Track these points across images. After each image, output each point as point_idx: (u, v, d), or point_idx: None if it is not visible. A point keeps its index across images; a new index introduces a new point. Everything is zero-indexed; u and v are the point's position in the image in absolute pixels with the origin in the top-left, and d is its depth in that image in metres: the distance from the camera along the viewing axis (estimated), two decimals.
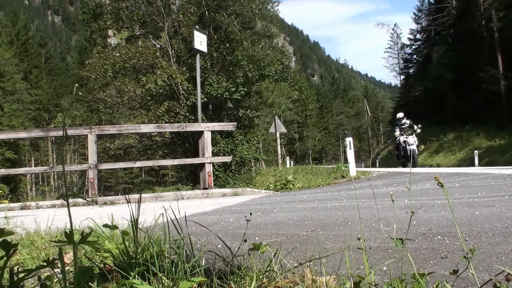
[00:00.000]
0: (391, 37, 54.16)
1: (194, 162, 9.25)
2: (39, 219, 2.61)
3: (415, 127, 13.04)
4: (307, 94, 54.06)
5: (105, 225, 1.28)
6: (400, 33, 57.23)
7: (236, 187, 8.49)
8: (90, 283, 1.02)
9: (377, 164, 38.42)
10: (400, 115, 14.05)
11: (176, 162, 11.14)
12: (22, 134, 8.87)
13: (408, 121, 13.33)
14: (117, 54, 14.57)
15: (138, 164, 10.89)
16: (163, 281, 1.13)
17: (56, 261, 0.97)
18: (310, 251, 1.57)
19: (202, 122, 8.90)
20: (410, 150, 12.56)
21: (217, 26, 15.33)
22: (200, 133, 7.41)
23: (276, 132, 17.11)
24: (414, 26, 46.37)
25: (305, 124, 65.31)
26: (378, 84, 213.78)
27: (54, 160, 46.28)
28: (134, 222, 1.35)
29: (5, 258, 0.93)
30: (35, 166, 37.57)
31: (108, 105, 15.78)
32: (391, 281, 1.01)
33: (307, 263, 1.24)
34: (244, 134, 15.04)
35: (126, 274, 1.17)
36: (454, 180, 5.28)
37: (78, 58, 49.59)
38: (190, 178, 15.24)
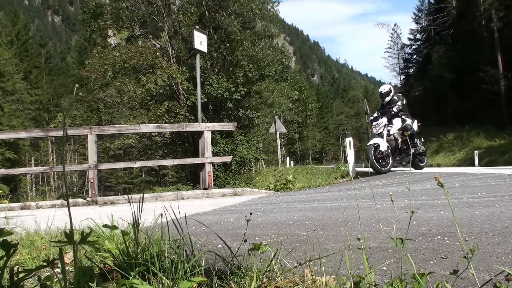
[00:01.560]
0: (391, 37, 54.11)
1: (194, 162, 9.25)
2: (39, 219, 2.61)
3: (398, 104, 8.22)
4: (307, 94, 54.14)
5: (105, 225, 1.28)
6: (400, 33, 57.15)
7: (236, 187, 8.49)
8: (90, 283, 1.02)
9: None
10: (384, 88, 8.67)
11: (176, 162, 11.13)
12: (22, 134, 8.88)
13: (397, 97, 8.45)
14: (117, 54, 14.59)
15: (138, 164, 10.90)
16: (163, 281, 1.13)
17: (56, 261, 0.97)
18: (310, 251, 1.57)
19: (202, 122, 8.91)
20: (371, 147, 7.65)
21: (217, 26, 15.35)
22: (200, 133, 7.41)
23: (276, 132, 17.11)
24: (414, 26, 46.35)
25: (305, 124, 65.28)
26: (378, 84, 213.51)
27: (54, 160, 46.29)
28: (135, 222, 1.35)
29: (5, 258, 0.93)
30: (35, 166, 37.57)
31: (108, 105, 15.79)
32: (391, 281, 1.01)
33: (307, 263, 1.24)
34: (244, 134, 15.05)
35: (126, 274, 1.17)
36: (454, 180, 5.28)
37: (78, 58, 49.58)
38: (190, 178, 15.26)
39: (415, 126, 8.48)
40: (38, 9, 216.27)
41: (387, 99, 8.45)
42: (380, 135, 7.87)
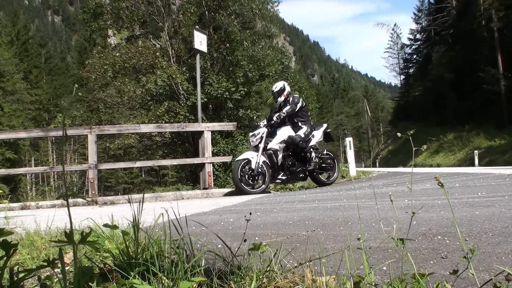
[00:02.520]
0: (391, 37, 54.26)
1: (194, 162, 9.26)
2: (39, 219, 2.61)
3: (284, 110, 6.62)
4: (307, 94, 54.07)
5: (105, 225, 1.28)
6: (400, 33, 57.34)
7: None
8: (90, 283, 1.02)
9: (377, 164, 38.47)
10: (275, 87, 7.03)
11: (176, 162, 11.14)
12: (22, 134, 8.88)
13: (292, 98, 6.84)
14: (117, 54, 14.61)
15: (138, 164, 10.90)
16: (163, 281, 1.13)
17: (56, 261, 0.97)
18: (310, 251, 1.57)
19: (202, 122, 8.91)
20: (239, 163, 6.22)
21: (217, 26, 15.36)
22: (200, 133, 7.42)
23: None
24: (414, 26, 46.47)
25: None
26: (378, 84, 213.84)
27: (54, 160, 46.27)
28: (135, 222, 1.35)
29: (5, 258, 0.93)
30: (35, 166, 37.57)
31: (108, 105, 15.81)
32: (391, 281, 1.01)
33: (307, 263, 1.24)
34: (244, 134, 15.06)
35: (126, 274, 1.17)
36: (454, 180, 5.28)
37: (78, 58, 49.60)
38: (190, 178, 15.28)
39: (317, 134, 7.00)
40: (38, 9, 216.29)
41: (280, 99, 6.87)
42: (256, 148, 6.41)
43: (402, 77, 51.42)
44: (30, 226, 2.35)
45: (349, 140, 9.84)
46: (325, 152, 7.19)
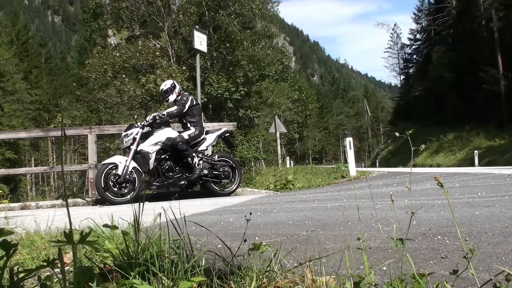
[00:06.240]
0: (391, 37, 54.30)
1: None
2: (39, 219, 2.61)
3: (167, 112, 5.94)
4: (307, 94, 54.14)
5: (105, 225, 1.28)
6: (400, 33, 57.43)
7: None
8: (90, 283, 1.02)
9: (377, 164, 38.47)
10: (165, 85, 6.24)
11: None
12: (22, 134, 8.89)
13: (180, 97, 6.05)
14: (117, 54, 14.60)
15: None
16: (163, 281, 1.13)
17: (56, 261, 0.97)
18: (310, 251, 1.57)
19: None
20: (103, 168, 5.51)
21: (217, 26, 15.37)
22: None
23: (276, 132, 17.10)
24: (414, 26, 46.51)
25: (305, 124, 65.19)
26: (378, 84, 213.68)
27: (54, 160, 46.24)
28: (135, 222, 1.35)
29: (5, 258, 0.92)
30: (35, 166, 37.55)
31: (108, 105, 15.80)
32: (391, 281, 1.01)
33: (307, 263, 1.24)
34: (244, 134, 15.07)
35: (126, 274, 1.17)
36: (454, 180, 5.28)
37: (78, 58, 49.61)
38: None
39: (210, 138, 6.18)
40: (38, 9, 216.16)
41: (171, 98, 6.06)
42: (128, 150, 5.64)
43: (402, 77, 51.48)
44: (30, 226, 2.35)
45: (349, 140, 9.84)
46: (216, 157, 6.21)
